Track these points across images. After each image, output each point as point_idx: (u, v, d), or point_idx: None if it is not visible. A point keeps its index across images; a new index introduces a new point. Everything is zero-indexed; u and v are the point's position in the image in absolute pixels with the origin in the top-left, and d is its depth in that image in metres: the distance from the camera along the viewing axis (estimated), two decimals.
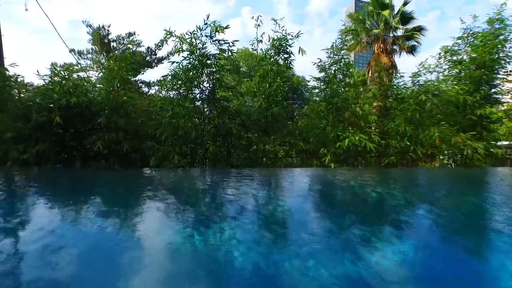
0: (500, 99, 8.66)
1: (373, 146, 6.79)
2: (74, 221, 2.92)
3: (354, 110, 7.70)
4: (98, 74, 8.54)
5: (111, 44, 21.68)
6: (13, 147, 6.19)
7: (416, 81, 7.99)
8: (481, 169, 7.06)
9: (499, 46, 8.07)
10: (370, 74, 17.60)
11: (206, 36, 7.10)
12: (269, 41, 7.79)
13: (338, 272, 2.04)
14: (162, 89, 8.24)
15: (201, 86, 7.46)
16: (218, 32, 6.99)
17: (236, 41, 7.10)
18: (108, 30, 21.76)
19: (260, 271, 2.06)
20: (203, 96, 7.54)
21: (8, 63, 7.26)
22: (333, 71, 8.22)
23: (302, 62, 8.18)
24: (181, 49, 7.20)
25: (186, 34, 7.11)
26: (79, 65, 20.04)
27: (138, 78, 22.18)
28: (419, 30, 18.96)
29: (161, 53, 22.65)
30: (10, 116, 6.48)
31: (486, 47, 8.00)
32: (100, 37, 21.23)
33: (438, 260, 2.25)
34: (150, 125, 7.00)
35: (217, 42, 7.13)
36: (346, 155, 7.49)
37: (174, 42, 7.28)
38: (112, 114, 6.95)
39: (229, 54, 7.21)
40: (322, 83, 8.31)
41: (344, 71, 7.93)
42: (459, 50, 8.95)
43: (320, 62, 8.24)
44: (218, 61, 7.28)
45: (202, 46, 7.15)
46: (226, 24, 7.10)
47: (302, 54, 7.41)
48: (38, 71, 7.18)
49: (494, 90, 8.47)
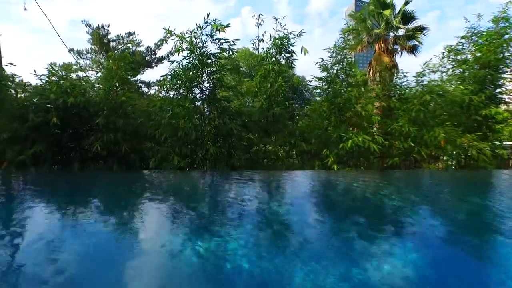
0: (505, 99, 8.53)
1: (377, 147, 6.66)
2: (67, 227, 2.78)
3: (357, 111, 7.56)
4: (96, 74, 8.34)
5: (111, 43, 21.54)
6: (9, 148, 6.05)
7: (420, 81, 7.85)
8: (488, 171, 6.92)
9: (505, 45, 7.94)
10: (371, 74, 17.46)
11: (206, 35, 6.97)
12: (270, 40, 7.66)
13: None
14: (162, 89, 8.11)
15: (201, 86, 7.33)
16: (219, 30, 6.85)
17: (237, 39, 6.97)
18: (107, 30, 21.62)
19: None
20: (203, 96, 7.40)
21: (7, 63, 7.13)
22: (335, 71, 8.09)
23: (302, 62, 8.03)
24: (181, 48, 7.06)
25: (186, 33, 6.98)
26: (78, 65, 19.89)
27: (138, 78, 22.05)
28: (421, 29, 18.79)
29: (161, 52, 22.52)
30: (6, 116, 6.34)
31: (491, 46, 7.86)
32: (99, 36, 21.08)
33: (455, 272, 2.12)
34: (150, 125, 6.86)
35: (217, 41, 6.99)
36: (349, 156, 7.36)
37: (174, 42, 7.16)
38: (110, 114, 6.82)
39: (230, 53, 7.07)
40: (324, 83, 8.18)
41: (347, 71, 7.79)
42: (463, 50, 8.81)
43: (322, 61, 8.12)
44: (218, 60, 7.14)
45: (202, 45, 7.02)
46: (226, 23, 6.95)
47: (304, 53, 7.28)
48: (35, 71, 7.06)
49: (499, 90, 8.33)
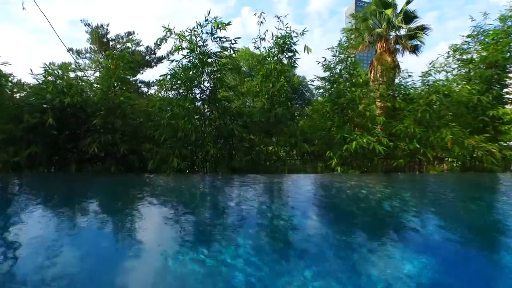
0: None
1: (382, 149, 6.47)
2: (54, 235, 2.61)
3: (361, 111, 7.38)
4: (94, 73, 8.17)
5: (110, 43, 21.37)
6: (3, 150, 5.88)
7: (426, 80, 7.67)
8: (496, 173, 6.74)
9: None
10: (373, 74, 17.29)
11: (207, 33, 6.78)
12: (272, 39, 7.47)
13: None
14: (161, 89, 7.93)
15: (201, 85, 7.14)
16: (220, 29, 6.67)
17: (238, 38, 6.78)
18: (107, 29, 21.45)
19: None
20: (204, 96, 7.22)
21: (2, 62, 6.94)
22: (338, 70, 7.91)
23: (302, 62, 7.81)
24: (180, 47, 6.88)
25: (186, 31, 6.79)
26: (78, 64, 19.72)
27: (138, 78, 21.89)
28: (422, 29, 18.64)
29: (160, 52, 22.35)
30: (0, 117, 6.16)
31: (498, 45, 7.68)
32: (98, 36, 20.91)
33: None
34: (149, 126, 6.68)
35: (218, 39, 6.81)
36: (353, 158, 7.18)
37: (174, 41, 6.97)
38: (108, 115, 6.65)
39: (231, 52, 6.88)
40: (327, 83, 8.00)
41: (350, 71, 7.60)
42: (468, 49, 8.64)
43: (325, 61, 7.94)
44: (219, 59, 6.96)
45: (202, 44, 6.83)
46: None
47: (308, 52, 7.10)
48: (31, 70, 6.89)
49: (506, 90, 8.15)
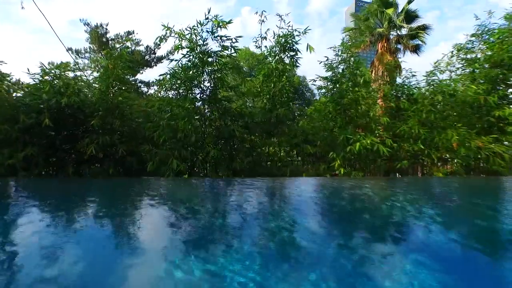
0: None
1: (386, 150, 6.34)
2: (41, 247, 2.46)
3: (364, 111, 7.25)
4: (91, 73, 8.03)
5: (110, 43, 21.23)
6: None
7: (430, 80, 7.53)
8: (506, 176, 6.58)
9: None
10: (374, 74, 17.16)
11: (207, 31, 6.65)
12: (273, 38, 7.33)
13: None
14: (161, 89, 7.79)
15: (201, 85, 7.01)
16: (220, 27, 6.53)
17: (239, 36, 6.64)
18: (106, 29, 21.32)
19: None
20: (204, 96, 7.08)
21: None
22: (341, 70, 7.78)
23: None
24: (180, 46, 6.74)
25: (186, 29, 6.65)
26: (77, 64, 19.57)
27: (137, 77, 21.76)
28: (424, 28, 18.51)
29: (160, 52, 22.24)
30: None
31: (504, 44, 7.54)
32: (98, 35, 20.78)
33: None
34: (148, 127, 6.54)
35: (219, 38, 6.67)
36: (356, 159, 7.04)
37: (174, 39, 6.83)
38: (106, 115, 6.52)
39: (232, 51, 6.75)
40: (329, 83, 7.87)
41: (353, 70, 7.46)
42: (473, 48, 8.50)
43: (327, 60, 7.81)
44: (220, 58, 6.81)
45: (203, 43, 6.69)
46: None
47: (310, 52, 6.95)
48: (28, 70, 6.74)
49: (511, 90, 8.00)
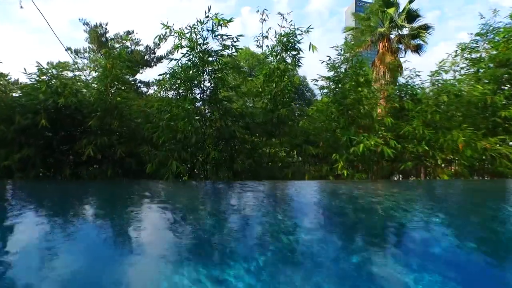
0: None
1: (391, 152, 6.20)
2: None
3: (368, 112, 7.11)
4: (89, 72, 7.88)
5: (109, 42, 21.10)
6: None
7: (435, 80, 7.40)
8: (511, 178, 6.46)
9: None
10: (375, 74, 17.02)
11: (207, 30, 6.50)
12: (275, 37, 7.20)
13: None
14: (160, 89, 7.64)
15: (201, 85, 6.86)
16: (221, 26, 6.39)
17: (240, 35, 6.50)
18: (105, 28, 21.19)
19: None
20: (204, 96, 6.94)
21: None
22: (343, 70, 7.65)
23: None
24: (180, 45, 6.60)
25: (186, 28, 6.51)
26: (76, 64, 19.43)
27: (137, 77, 21.63)
28: (425, 28, 18.37)
29: (160, 51, 22.12)
30: None
31: (510, 44, 7.42)
32: (97, 35, 20.65)
33: None
34: (147, 128, 6.40)
35: (219, 37, 6.52)
36: (360, 161, 6.91)
37: (173, 38, 6.69)
38: (105, 116, 6.39)
39: (233, 50, 6.61)
40: (332, 83, 7.73)
41: (357, 70, 7.32)
42: (477, 48, 8.37)
43: (329, 59, 7.68)
44: (220, 58, 6.67)
45: (203, 42, 6.55)
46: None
47: (313, 51, 6.81)
48: (25, 69, 6.62)
49: None
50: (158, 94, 9.03)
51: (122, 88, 7.29)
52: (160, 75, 6.87)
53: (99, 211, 3.89)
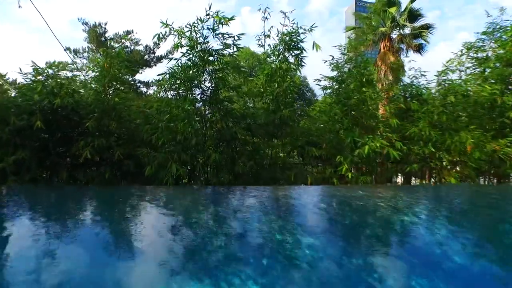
0: None
1: (397, 154, 6.03)
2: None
3: (372, 113, 6.94)
4: (86, 72, 7.69)
5: (108, 42, 20.95)
6: None
7: (442, 80, 7.22)
8: None
9: None
10: (377, 74, 16.86)
11: (208, 29, 6.32)
12: (277, 35, 7.02)
13: None
14: (160, 89, 7.47)
15: (202, 85, 6.69)
16: (222, 24, 6.21)
17: (242, 34, 6.33)
18: (105, 28, 21.04)
19: None
20: (204, 97, 6.76)
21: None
22: (347, 70, 7.48)
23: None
24: (179, 44, 6.42)
25: (186, 27, 6.33)
26: (74, 63, 19.26)
27: (136, 77, 21.47)
28: (427, 28, 18.22)
29: (160, 51, 21.97)
30: None
31: None
32: (96, 35, 20.49)
33: None
34: (146, 129, 6.23)
35: (220, 35, 6.35)
36: (364, 163, 6.74)
37: (173, 37, 6.51)
38: (102, 117, 6.21)
39: (234, 49, 6.43)
40: (335, 83, 7.56)
41: (362, 70, 7.14)
42: (483, 47, 8.19)
43: (332, 59, 7.52)
44: (221, 57, 6.50)
45: (203, 41, 6.37)
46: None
47: (316, 50, 6.63)
48: (20, 69, 6.44)
49: None
50: (158, 95, 8.85)
51: (121, 88, 7.12)
52: (159, 75, 6.70)
53: (94, 223, 3.71)
